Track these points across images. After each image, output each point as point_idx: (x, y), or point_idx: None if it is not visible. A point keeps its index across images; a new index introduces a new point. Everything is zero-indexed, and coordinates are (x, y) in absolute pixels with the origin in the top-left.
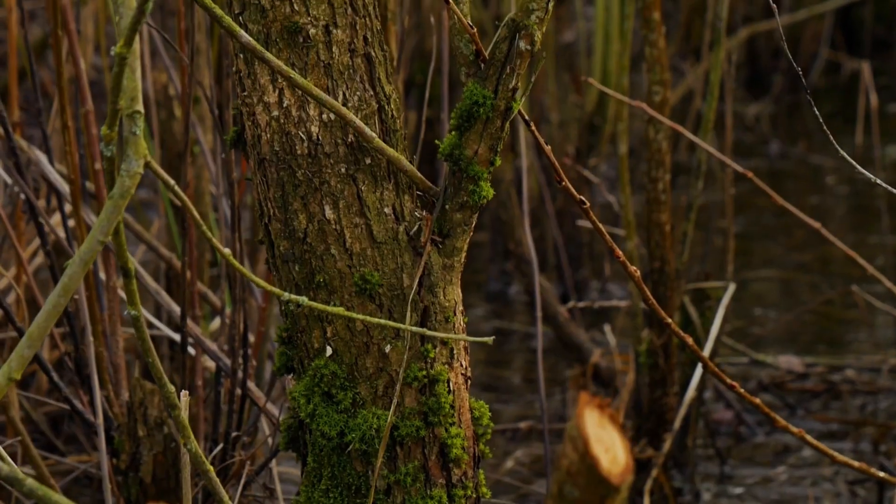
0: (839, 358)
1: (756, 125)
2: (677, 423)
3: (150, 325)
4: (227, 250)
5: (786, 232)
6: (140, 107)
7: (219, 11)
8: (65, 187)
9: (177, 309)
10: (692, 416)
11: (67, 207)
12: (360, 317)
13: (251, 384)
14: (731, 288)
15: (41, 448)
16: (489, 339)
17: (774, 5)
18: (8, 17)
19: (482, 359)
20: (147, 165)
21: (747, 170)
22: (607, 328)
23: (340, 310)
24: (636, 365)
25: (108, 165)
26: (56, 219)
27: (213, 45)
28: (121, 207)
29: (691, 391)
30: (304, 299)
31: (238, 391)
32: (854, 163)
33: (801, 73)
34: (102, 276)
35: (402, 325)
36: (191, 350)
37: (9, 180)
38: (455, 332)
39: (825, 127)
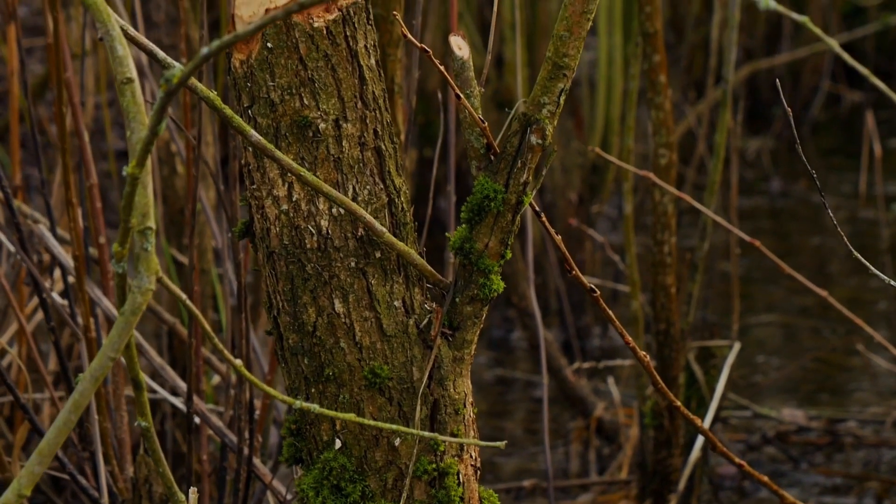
0: (842, 409)
1: (757, 161)
2: (682, 484)
3: (152, 391)
4: (238, 361)
5: (787, 274)
6: (152, 223)
7: (229, 112)
8: (69, 261)
9: (182, 385)
10: (697, 475)
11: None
12: (371, 422)
13: (257, 460)
14: (736, 347)
15: None
16: (501, 444)
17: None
18: (9, 80)
19: (484, 409)
20: (159, 281)
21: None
22: (610, 381)
23: (352, 416)
24: (640, 423)
25: (119, 281)
26: (56, 274)
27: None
28: (132, 324)
29: (696, 452)
30: (315, 406)
31: (244, 467)
32: (842, 233)
33: (792, 120)
34: None
35: (410, 430)
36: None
37: (11, 248)
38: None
39: (817, 181)
